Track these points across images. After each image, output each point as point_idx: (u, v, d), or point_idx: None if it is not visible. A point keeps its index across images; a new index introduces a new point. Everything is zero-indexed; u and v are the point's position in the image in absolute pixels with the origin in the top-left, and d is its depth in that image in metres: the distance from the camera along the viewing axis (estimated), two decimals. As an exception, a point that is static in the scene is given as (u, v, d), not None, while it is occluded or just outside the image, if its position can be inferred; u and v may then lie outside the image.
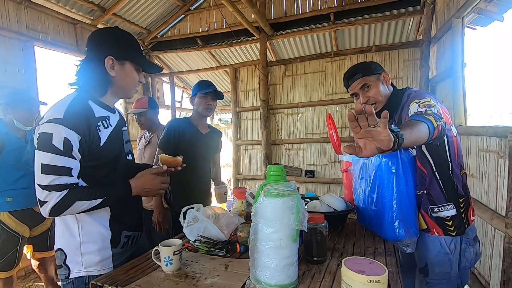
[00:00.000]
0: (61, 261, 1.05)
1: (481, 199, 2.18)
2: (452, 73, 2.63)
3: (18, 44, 3.13)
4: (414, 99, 1.18)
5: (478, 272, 2.25)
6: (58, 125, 0.92)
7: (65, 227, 1.05)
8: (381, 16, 3.89)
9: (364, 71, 1.34)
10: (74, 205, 0.94)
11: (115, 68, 1.06)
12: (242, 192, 1.60)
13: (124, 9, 4.23)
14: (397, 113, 1.31)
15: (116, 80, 1.07)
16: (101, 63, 1.04)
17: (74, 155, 0.95)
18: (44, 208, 0.93)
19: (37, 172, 0.92)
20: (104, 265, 1.07)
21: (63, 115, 0.93)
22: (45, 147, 0.91)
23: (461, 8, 2.42)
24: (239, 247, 1.20)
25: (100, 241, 1.06)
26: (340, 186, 4.27)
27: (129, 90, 1.13)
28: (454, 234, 1.26)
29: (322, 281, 0.94)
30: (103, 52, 1.04)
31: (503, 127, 1.94)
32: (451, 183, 1.26)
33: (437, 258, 1.28)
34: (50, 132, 0.91)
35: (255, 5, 3.69)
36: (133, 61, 1.10)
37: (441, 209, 1.26)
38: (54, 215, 0.95)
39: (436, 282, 1.30)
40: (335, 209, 1.50)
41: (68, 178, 0.94)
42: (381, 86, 1.33)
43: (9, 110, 1.95)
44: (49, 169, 0.91)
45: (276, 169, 0.92)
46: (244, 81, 4.99)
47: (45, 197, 0.92)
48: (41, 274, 2.29)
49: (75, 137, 0.94)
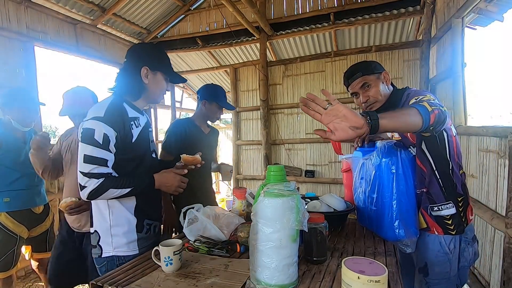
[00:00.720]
0: (96, 242, 1.22)
1: (481, 199, 2.18)
2: (452, 73, 2.63)
3: (18, 44, 3.13)
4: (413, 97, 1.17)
5: (478, 272, 2.25)
6: (99, 122, 1.09)
7: (98, 212, 1.21)
8: (381, 16, 3.89)
9: (364, 70, 1.34)
10: (107, 192, 1.10)
11: (148, 76, 1.22)
12: (242, 192, 1.60)
13: (124, 9, 4.23)
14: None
15: (149, 87, 1.24)
16: (137, 72, 1.21)
17: (110, 149, 1.11)
18: (84, 192, 1.10)
19: (80, 160, 1.09)
20: (131, 247, 1.22)
21: (104, 114, 1.10)
22: (88, 140, 1.08)
23: (461, 8, 2.42)
24: (239, 247, 1.20)
25: (126, 226, 1.21)
26: (340, 186, 4.27)
27: (158, 96, 1.30)
28: (454, 233, 1.26)
29: (322, 281, 0.94)
30: (140, 63, 1.21)
31: (503, 127, 1.94)
32: (450, 182, 1.26)
33: (436, 258, 1.28)
34: (92, 128, 1.08)
35: (255, 5, 3.69)
36: (163, 72, 1.27)
37: (441, 208, 1.26)
38: (91, 199, 1.13)
39: (435, 281, 1.30)
40: (335, 209, 1.50)
41: (105, 168, 1.10)
42: (381, 86, 1.33)
43: (6, 110, 1.94)
44: (90, 159, 1.08)
45: (276, 169, 0.92)
46: (244, 81, 4.99)
47: (85, 183, 1.09)
48: (41, 274, 2.29)
49: (112, 134, 1.11)
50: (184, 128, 1.89)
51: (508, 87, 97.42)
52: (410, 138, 1.31)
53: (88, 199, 1.12)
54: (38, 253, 2.16)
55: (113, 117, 1.12)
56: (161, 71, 1.26)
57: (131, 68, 1.22)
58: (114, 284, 0.95)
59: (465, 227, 1.27)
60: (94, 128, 1.08)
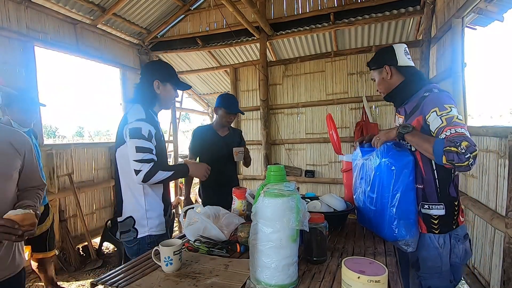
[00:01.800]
0: (130, 226, 1.44)
1: (481, 199, 2.18)
2: (452, 73, 2.63)
3: (18, 44, 3.13)
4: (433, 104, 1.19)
5: (478, 272, 2.25)
6: (143, 122, 1.38)
7: (134, 200, 1.44)
8: (381, 16, 3.89)
9: (371, 64, 1.47)
10: (157, 174, 1.35)
11: (159, 88, 1.51)
12: (242, 192, 1.60)
13: (124, 9, 4.23)
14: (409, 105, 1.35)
15: (161, 96, 1.53)
16: (150, 85, 1.50)
17: (152, 142, 1.40)
18: (139, 175, 1.32)
19: (133, 152, 1.34)
20: (160, 228, 1.47)
21: (145, 116, 1.40)
22: (137, 135, 1.35)
23: (461, 8, 2.42)
24: (239, 247, 1.20)
25: (158, 210, 1.48)
26: (340, 186, 4.27)
27: (168, 103, 1.59)
28: (437, 232, 1.28)
29: (322, 281, 0.94)
30: (152, 77, 1.50)
31: (503, 127, 1.94)
32: (447, 184, 1.27)
33: (427, 253, 1.30)
34: (139, 127, 1.37)
35: (255, 5, 3.69)
36: (172, 82, 1.55)
37: (431, 207, 1.29)
38: (145, 181, 1.34)
39: (427, 276, 1.32)
40: (335, 209, 1.50)
41: (152, 155, 1.37)
42: (383, 80, 1.42)
43: (6, 111, 1.94)
44: (141, 149, 1.35)
45: (276, 169, 0.92)
46: (244, 81, 4.99)
47: (140, 167, 1.33)
48: (40, 274, 2.29)
49: (153, 130, 1.40)
50: (200, 134, 2.27)
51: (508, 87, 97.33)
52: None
53: (143, 181, 1.34)
54: (38, 253, 2.16)
55: (150, 118, 1.43)
56: (170, 82, 1.54)
57: (145, 81, 1.51)
58: (114, 284, 0.95)
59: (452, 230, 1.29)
60: (141, 126, 1.37)
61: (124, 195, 1.47)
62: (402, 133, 1.22)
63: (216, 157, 2.17)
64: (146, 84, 1.50)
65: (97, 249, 3.66)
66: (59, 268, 3.25)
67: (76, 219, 3.72)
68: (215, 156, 2.17)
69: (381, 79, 1.42)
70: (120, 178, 1.48)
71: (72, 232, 3.60)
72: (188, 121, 29.60)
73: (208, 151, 2.22)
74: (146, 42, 5.03)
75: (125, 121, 1.42)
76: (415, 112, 1.28)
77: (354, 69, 4.26)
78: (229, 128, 2.36)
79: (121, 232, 1.47)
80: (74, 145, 3.95)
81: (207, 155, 2.21)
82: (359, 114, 4.22)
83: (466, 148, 1.01)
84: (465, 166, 1.04)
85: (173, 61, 5.77)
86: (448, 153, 1.04)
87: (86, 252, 3.62)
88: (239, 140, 2.40)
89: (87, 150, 3.98)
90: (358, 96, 4.21)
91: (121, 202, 1.48)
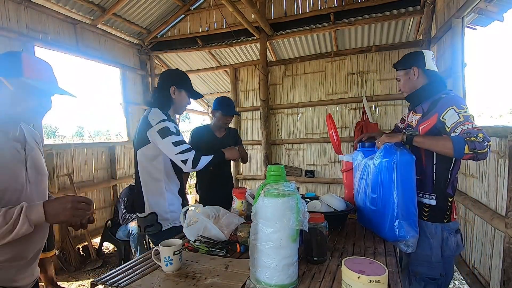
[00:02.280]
0: (153, 221, 1.59)
1: (481, 199, 2.18)
2: (452, 73, 2.63)
3: (18, 44, 3.13)
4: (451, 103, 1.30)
5: (478, 272, 2.25)
6: (168, 122, 1.54)
7: (158, 196, 1.59)
8: (381, 16, 3.89)
9: (398, 65, 1.57)
10: (202, 159, 1.56)
11: (175, 93, 1.66)
12: (242, 192, 1.60)
13: (124, 9, 4.23)
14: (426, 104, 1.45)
15: (176, 101, 1.68)
16: (167, 90, 1.65)
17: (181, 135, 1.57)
18: (188, 164, 1.52)
19: (171, 148, 1.50)
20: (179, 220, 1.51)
21: (166, 117, 1.56)
22: (168, 134, 1.51)
23: (461, 8, 2.42)
24: (239, 247, 1.20)
25: (177, 204, 1.64)
26: (340, 186, 4.27)
27: (182, 108, 1.74)
28: (426, 219, 1.41)
29: (322, 281, 0.94)
30: (169, 83, 1.66)
31: (503, 127, 1.94)
32: (444, 178, 1.38)
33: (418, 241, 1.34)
34: (166, 126, 1.52)
35: (255, 5, 3.69)
36: (186, 90, 1.71)
37: (424, 196, 1.41)
38: (194, 167, 1.54)
39: (417, 263, 1.41)
40: (335, 209, 1.50)
41: (188, 145, 1.56)
42: (408, 80, 1.51)
43: None
44: (177, 143, 1.52)
45: (276, 169, 0.92)
46: (244, 81, 4.99)
47: (185, 157, 1.52)
48: (41, 275, 2.29)
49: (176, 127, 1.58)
50: (198, 134, 2.34)
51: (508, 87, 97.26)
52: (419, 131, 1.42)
53: (192, 168, 1.54)
54: (38, 253, 2.16)
55: (170, 118, 1.60)
56: (185, 90, 1.70)
57: (163, 87, 1.66)
58: (114, 284, 0.95)
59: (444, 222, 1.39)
60: (167, 126, 1.52)
61: (145, 193, 1.61)
62: (412, 135, 1.31)
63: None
64: (164, 88, 1.66)
65: (97, 249, 3.66)
66: (59, 268, 3.25)
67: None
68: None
69: (407, 79, 1.52)
70: (140, 177, 1.62)
71: (72, 232, 3.60)
72: (188, 121, 29.60)
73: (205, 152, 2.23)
74: (146, 42, 5.03)
75: (147, 124, 1.54)
76: (432, 110, 1.39)
77: (354, 69, 4.26)
78: (226, 129, 2.41)
79: (146, 226, 1.62)
80: (74, 145, 3.95)
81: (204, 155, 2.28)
82: (359, 114, 4.22)
83: (483, 138, 1.16)
84: (484, 153, 1.16)
85: (173, 61, 5.77)
86: (470, 142, 1.16)
87: (86, 252, 3.62)
88: (235, 140, 2.45)
89: (87, 150, 3.98)
90: (358, 96, 4.21)
91: (142, 199, 1.62)
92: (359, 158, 1.54)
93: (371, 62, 4.14)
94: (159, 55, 5.44)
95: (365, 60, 4.17)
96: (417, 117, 1.50)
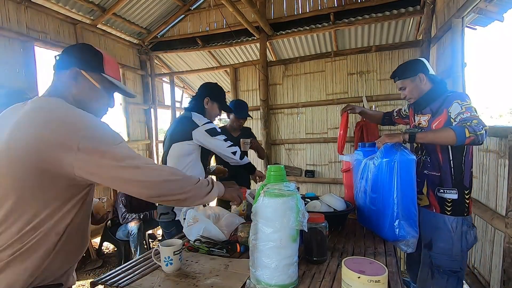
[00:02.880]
0: (169, 209, 1.77)
1: (481, 199, 2.18)
2: (452, 73, 2.63)
3: (18, 44, 3.13)
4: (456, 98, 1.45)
5: (478, 272, 2.25)
6: (211, 123, 1.81)
7: None
8: (381, 16, 3.88)
9: (401, 74, 1.66)
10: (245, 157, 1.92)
11: (208, 104, 1.91)
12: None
13: (124, 9, 4.23)
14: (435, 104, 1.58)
15: (207, 111, 1.92)
16: (202, 100, 1.90)
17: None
18: (237, 155, 1.85)
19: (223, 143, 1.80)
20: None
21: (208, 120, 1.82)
22: (217, 133, 1.78)
23: (461, 8, 2.42)
24: (239, 247, 1.20)
25: None
26: (340, 186, 4.27)
27: (212, 118, 1.95)
28: (449, 214, 1.51)
29: (322, 281, 0.94)
30: (205, 94, 1.91)
31: (503, 127, 1.94)
32: (460, 172, 1.50)
33: (440, 235, 1.51)
34: (213, 127, 1.79)
35: (255, 5, 3.69)
36: (218, 102, 1.95)
37: (446, 191, 1.52)
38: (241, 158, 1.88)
39: (438, 255, 1.52)
40: (335, 209, 1.50)
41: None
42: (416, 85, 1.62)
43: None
44: (226, 139, 1.83)
45: (276, 169, 0.92)
46: (244, 81, 4.99)
47: (234, 149, 1.84)
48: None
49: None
50: None
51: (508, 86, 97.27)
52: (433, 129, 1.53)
53: (240, 159, 1.87)
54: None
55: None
56: (217, 102, 1.94)
57: (199, 96, 1.92)
58: (114, 284, 0.95)
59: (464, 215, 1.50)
60: (214, 126, 1.80)
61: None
62: (414, 133, 1.38)
63: None
64: (199, 98, 1.90)
65: (97, 249, 3.66)
66: (59, 268, 3.25)
67: (76, 219, 3.72)
68: None
69: (414, 86, 1.62)
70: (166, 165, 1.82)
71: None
72: (188, 121, 29.59)
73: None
74: (146, 42, 5.03)
75: (193, 124, 1.75)
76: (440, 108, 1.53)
77: (354, 69, 4.25)
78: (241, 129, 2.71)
79: (161, 214, 1.80)
80: (74, 145, 3.94)
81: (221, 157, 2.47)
82: (359, 114, 4.21)
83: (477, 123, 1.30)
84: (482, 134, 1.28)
85: (173, 61, 5.77)
86: (468, 126, 1.29)
87: (86, 252, 3.62)
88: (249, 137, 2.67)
89: (87, 150, 3.97)
90: (358, 96, 4.20)
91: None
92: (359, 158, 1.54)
93: (371, 62, 4.14)
94: (159, 55, 5.44)
95: (365, 60, 4.17)
96: (425, 117, 1.62)
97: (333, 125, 4.36)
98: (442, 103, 1.52)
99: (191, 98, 1.97)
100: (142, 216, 3.26)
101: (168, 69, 5.91)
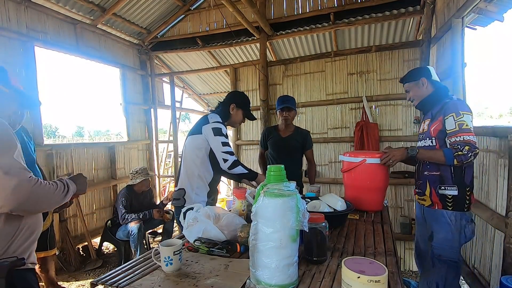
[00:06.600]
0: (181, 196, 1.88)
1: (481, 199, 2.18)
2: (452, 73, 2.63)
3: (18, 44, 3.13)
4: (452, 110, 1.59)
5: (478, 272, 2.25)
6: (221, 124, 1.88)
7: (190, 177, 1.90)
8: (381, 16, 3.88)
9: (406, 79, 1.86)
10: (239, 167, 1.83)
11: (233, 110, 2.02)
12: (242, 192, 1.60)
13: (124, 9, 4.23)
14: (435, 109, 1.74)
15: (232, 117, 2.04)
16: (228, 105, 2.02)
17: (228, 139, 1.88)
18: (227, 163, 1.80)
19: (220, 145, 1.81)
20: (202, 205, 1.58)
21: (222, 120, 1.91)
22: (220, 133, 1.83)
23: (461, 8, 2.42)
24: (239, 247, 1.20)
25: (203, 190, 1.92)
26: (340, 186, 4.27)
27: (235, 123, 2.10)
28: (450, 209, 1.65)
29: (322, 281, 0.94)
30: (232, 101, 2.03)
31: (502, 127, 1.94)
32: (461, 170, 1.63)
33: (440, 227, 1.67)
34: (220, 127, 1.85)
35: (255, 5, 3.69)
36: (243, 109, 2.05)
37: (446, 188, 1.65)
38: (230, 169, 1.81)
39: (438, 246, 1.67)
40: (335, 209, 1.50)
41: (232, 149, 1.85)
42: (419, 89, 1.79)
43: None
44: (225, 143, 1.83)
45: (276, 169, 0.92)
46: (244, 81, 4.99)
47: (227, 157, 1.80)
48: (42, 275, 2.29)
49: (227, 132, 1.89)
50: (266, 132, 2.75)
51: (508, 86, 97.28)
52: (432, 133, 1.70)
53: (228, 168, 1.81)
54: (39, 252, 2.16)
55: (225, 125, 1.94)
56: (242, 109, 2.04)
57: (226, 102, 2.04)
58: (114, 284, 0.95)
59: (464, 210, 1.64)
60: (221, 127, 1.85)
61: (182, 172, 1.94)
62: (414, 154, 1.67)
63: (278, 157, 2.64)
64: (226, 104, 2.02)
65: (97, 249, 3.66)
66: (59, 268, 3.25)
67: (76, 219, 3.72)
68: (277, 156, 2.65)
69: (417, 89, 1.79)
70: (183, 158, 1.95)
71: (72, 232, 3.60)
72: (188, 121, 29.58)
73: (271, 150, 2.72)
74: (146, 42, 5.03)
75: (205, 120, 1.88)
76: (438, 113, 1.68)
77: (354, 69, 4.25)
78: (294, 130, 2.67)
79: (174, 199, 1.92)
80: (74, 145, 3.96)
81: (271, 152, 2.73)
82: (359, 114, 4.21)
83: (468, 150, 1.50)
84: (470, 162, 1.53)
85: (173, 61, 5.77)
86: (457, 156, 1.51)
87: (86, 252, 3.62)
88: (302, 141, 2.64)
89: (87, 150, 3.98)
90: (358, 96, 4.21)
91: (179, 175, 1.96)
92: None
93: (371, 62, 4.13)
94: (159, 55, 5.44)
95: (365, 60, 4.17)
96: (427, 122, 1.78)
97: (333, 125, 4.36)
98: (440, 110, 1.67)
99: (218, 103, 2.08)
100: (142, 216, 3.26)
101: (168, 69, 5.91)
